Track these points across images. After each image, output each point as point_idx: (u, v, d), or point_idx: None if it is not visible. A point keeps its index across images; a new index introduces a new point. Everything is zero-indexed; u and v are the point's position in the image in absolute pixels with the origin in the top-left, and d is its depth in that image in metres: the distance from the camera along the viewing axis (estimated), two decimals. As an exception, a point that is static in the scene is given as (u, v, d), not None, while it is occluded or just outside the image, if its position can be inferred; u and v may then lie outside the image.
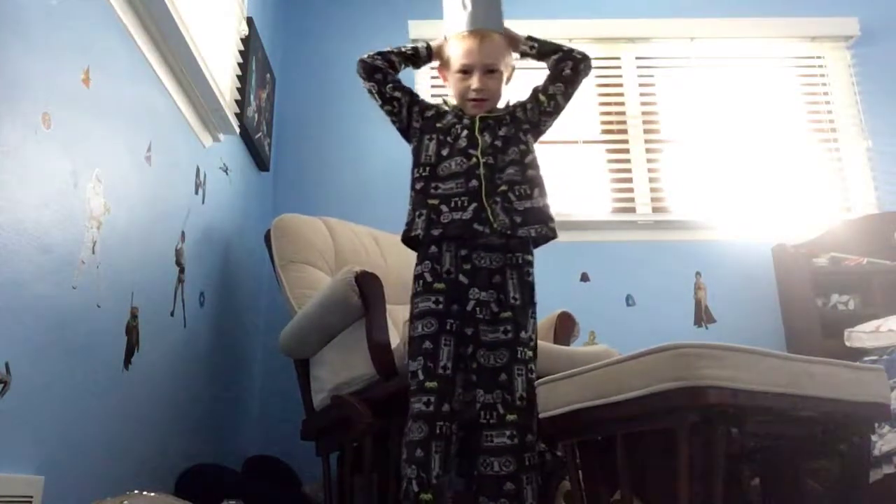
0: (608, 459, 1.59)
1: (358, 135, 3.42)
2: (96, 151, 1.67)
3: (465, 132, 1.79)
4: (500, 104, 1.87)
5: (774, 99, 3.54)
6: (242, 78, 2.74)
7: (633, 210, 3.37)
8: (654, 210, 3.36)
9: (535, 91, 1.86)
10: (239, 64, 2.72)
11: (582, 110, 3.47)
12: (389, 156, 3.37)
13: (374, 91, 1.86)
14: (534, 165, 1.79)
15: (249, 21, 2.84)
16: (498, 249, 1.73)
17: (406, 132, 1.89)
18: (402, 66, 1.88)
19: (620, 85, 3.55)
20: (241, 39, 2.77)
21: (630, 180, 3.41)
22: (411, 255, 2.76)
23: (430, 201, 1.75)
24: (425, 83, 3.51)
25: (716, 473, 1.37)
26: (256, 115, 2.93)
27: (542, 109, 1.84)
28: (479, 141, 1.77)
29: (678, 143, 3.48)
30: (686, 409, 1.36)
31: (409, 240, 1.80)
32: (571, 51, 1.86)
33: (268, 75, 3.14)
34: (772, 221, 3.31)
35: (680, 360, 1.36)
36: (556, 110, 1.85)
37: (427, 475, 1.60)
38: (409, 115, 1.86)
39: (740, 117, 3.50)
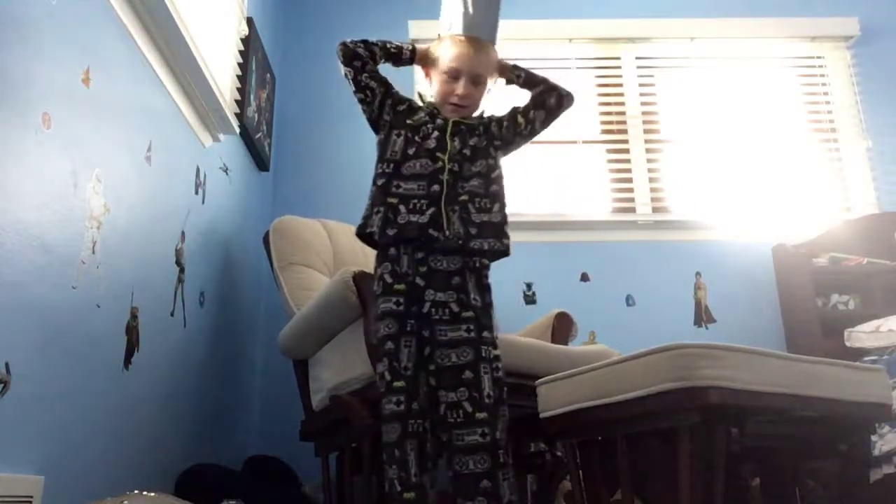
0: (608, 459, 1.59)
1: (358, 135, 3.40)
2: (96, 151, 1.67)
3: (435, 133, 1.77)
4: (475, 114, 1.87)
5: (774, 99, 3.54)
6: (242, 78, 2.74)
7: (633, 210, 3.37)
8: (654, 210, 3.36)
9: (515, 111, 1.85)
10: (239, 64, 2.72)
11: (582, 110, 3.47)
12: (389, 156, 3.38)
13: (349, 76, 1.83)
14: (498, 181, 1.78)
15: (249, 21, 2.84)
16: (456, 252, 1.71)
17: (375, 123, 1.86)
18: (382, 60, 1.86)
19: (620, 85, 3.55)
20: (241, 39, 2.77)
21: (630, 180, 3.41)
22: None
23: (390, 199, 1.72)
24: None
25: (716, 473, 1.37)
26: (256, 115, 2.93)
27: (517, 130, 1.83)
28: (449, 145, 1.76)
29: (678, 143, 3.48)
30: (687, 409, 1.36)
31: (363, 236, 1.78)
32: (557, 86, 1.85)
33: (268, 75, 3.14)
34: (772, 221, 3.31)
35: (680, 360, 1.36)
36: (531, 134, 1.85)
37: (407, 474, 1.60)
38: (380, 106, 1.83)
39: (740, 117, 3.50)
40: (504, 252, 1.74)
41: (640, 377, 1.43)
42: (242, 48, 2.77)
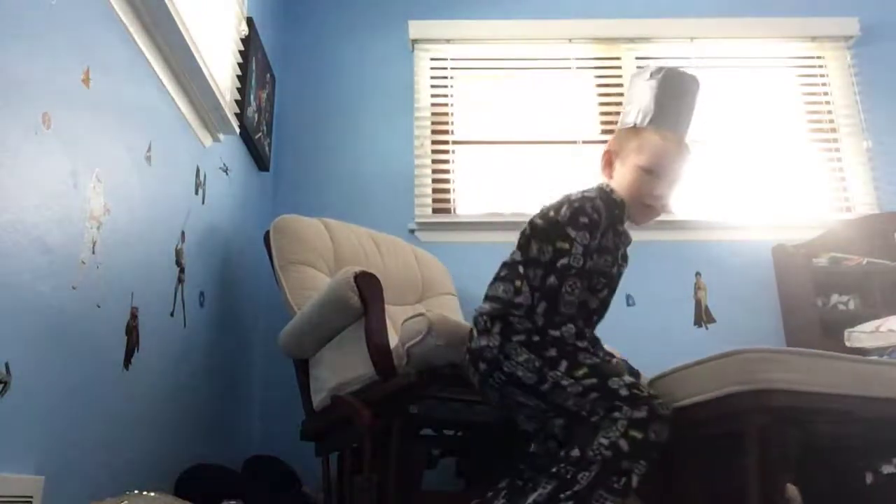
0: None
1: (358, 135, 3.42)
2: (96, 151, 1.67)
3: (622, 249, 1.72)
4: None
5: (774, 99, 3.54)
6: (242, 78, 2.74)
7: (633, 210, 3.37)
8: (654, 210, 3.36)
9: None
10: (239, 64, 2.72)
11: (582, 110, 3.47)
12: (390, 155, 3.38)
13: None
14: None
15: (249, 21, 2.84)
16: None
17: None
18: None
19: (620, 85, 3.54)
20: (241, 39, 2.77)
21: (630, 180, 3.41)
22: (410, 258, 2.79)
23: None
24: (424, 75, 3.51)
25: (783, 474, 1.41)
26: (256, 115, 2.93)
27: None
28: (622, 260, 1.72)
29: (678, 143, 3.48)
30: (753, 411, 1.40)
31: None
32: None
33: (268, 75, 3.14)
34: (772, 221, 3.31)
35: (745, 364, 1.41)
36: None
37: None
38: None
39: (740, 117, 3.50)
40: None
41: (706, 381, 1.47)
42: (242, 48, 2.77)
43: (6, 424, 1.33)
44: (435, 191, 3.36)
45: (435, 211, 3.34)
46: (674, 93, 1.69)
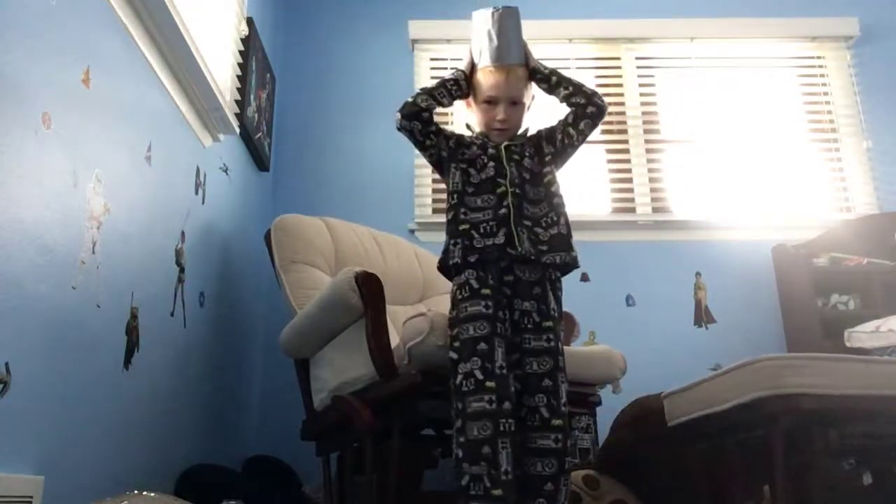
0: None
1: (358, 135, 3.43)
2: (96, 151, 1.67)
3: (491, 163, 1.85)
4: (520, 131, 1.94)
5: (775, 99, 3.54)
6: (242, 78, 2.74)
7: (633, 210, 3.37)
8: (654, 210, 3.36)
9: (564, 124, 1.91)
10: (239, 64, 2.72)
11: (582, 110, 3.47)
12: (389, 156, 3.38)
13: (410, 135, 1.90)
14: (559, 194, 1.88)
15: (249, 21, 2.84)
16: (534, 263, 1.78)
17: (438, 164, 1.94)
18: (448, 102, 1.93)
19: (620, 85, 3.55)
20: (241, 39, 2.77)
21: (630, 180, 3.41)
22: (411, 257, 2.79)
23: (462, 227, 1.80)
24: (424, 75, 3.50)
25: (811, 476, 1.45)
26: (256, 115, 2.93)
27: (570, 142, 1.90)
28: (507, 171, 1.83)
29: (678, 143, 3.48)
30: (781, 415, 1.46)
31: (446, 269, 1.83)
32: (594, 94, 1.91)
33: (268, 75, 3.14)
34: (772, 221, 3.31)
35: (770, 370, 1.47)
36: (581, 143, 1.92)
37: (497, 472, 1.60)
38: (439, 148, 1.91)
39: (740, 117, 3.50)
40: (574, 264, 1.83)
41: (731, 390, 1.54)
42: (242, 48, 2.77)
43: (6, 424, 1.33)
44: (435, 191, 3.36)
45: (435, 211, 3.34)
46: (496, 29, 1.92)
